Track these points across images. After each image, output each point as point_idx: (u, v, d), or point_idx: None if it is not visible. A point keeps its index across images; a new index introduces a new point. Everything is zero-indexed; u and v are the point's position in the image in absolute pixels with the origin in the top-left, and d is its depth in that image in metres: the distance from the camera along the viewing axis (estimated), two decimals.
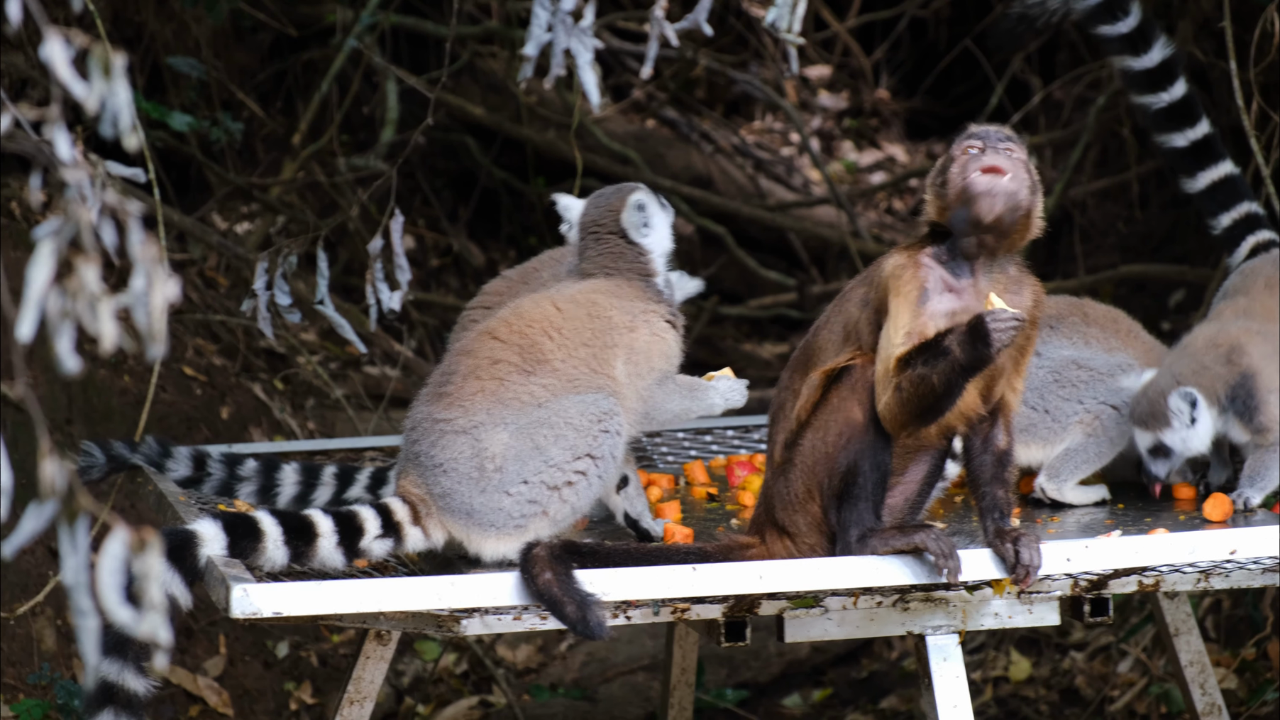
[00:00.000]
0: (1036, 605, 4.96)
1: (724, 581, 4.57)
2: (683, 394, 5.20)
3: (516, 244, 12.32)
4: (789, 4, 4.32)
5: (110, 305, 2.89)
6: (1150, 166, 10.51)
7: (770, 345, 12.45)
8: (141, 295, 2.92)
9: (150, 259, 2.90)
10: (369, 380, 9.86)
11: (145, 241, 2.91)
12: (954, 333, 4.53)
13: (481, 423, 4.96)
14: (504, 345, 5.04)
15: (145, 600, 2.91)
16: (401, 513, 4.91)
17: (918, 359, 4.56)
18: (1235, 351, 5.55)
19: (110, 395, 8.02)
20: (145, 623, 2.91)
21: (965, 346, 4.50)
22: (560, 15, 4.31)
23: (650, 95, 13.19)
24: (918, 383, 4.56)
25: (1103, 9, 5.86)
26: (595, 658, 8.91)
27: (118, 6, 9.34)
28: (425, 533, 4.94)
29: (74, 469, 2.83)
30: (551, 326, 5.08)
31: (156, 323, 2.91)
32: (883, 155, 14.39)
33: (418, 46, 11.55)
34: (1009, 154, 4.67)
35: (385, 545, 4.88)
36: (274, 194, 9.98)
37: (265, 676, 8.08)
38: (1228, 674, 7.64)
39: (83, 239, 2.89)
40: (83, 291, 2.88)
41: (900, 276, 4.67)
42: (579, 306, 5.15)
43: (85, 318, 2.89)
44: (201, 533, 4.59)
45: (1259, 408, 5.49)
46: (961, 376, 4.56)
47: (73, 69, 2.92)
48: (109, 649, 4.43)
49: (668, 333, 5.24)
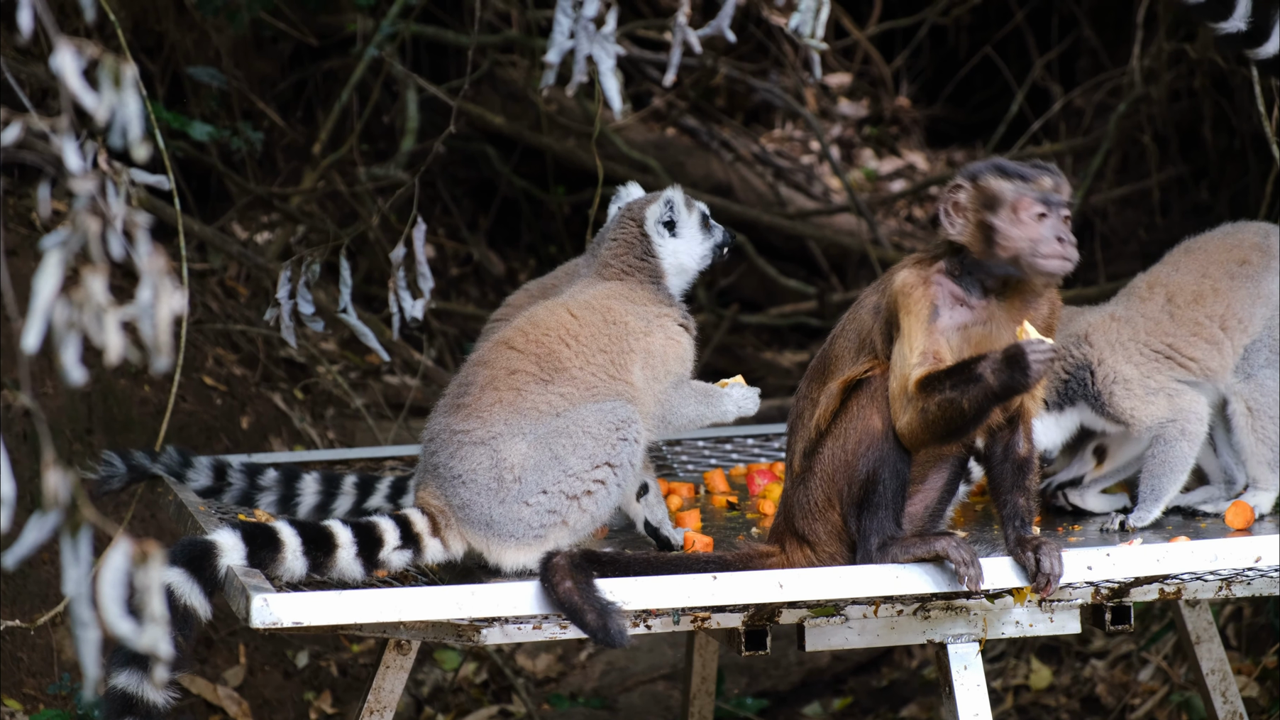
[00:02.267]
0: (1058, 613, 4.95)
1: (744, 590, 4.56)
2: (698, 399, 5.20)
3: (536, 253, 12.32)
4: (812, 9, 4.31)
5: (117, 316, 2.89)
6: (1171, 173, 10.50)
7: (790, 353, 12.44)
8: (148, 307, 2.92)
9: (157, 271, 2.90)
10: (389, 389, 9.87)
11: (153, 253, 2.90)
12: (988, 360, 4.51)
13: (500, 433, 4.95)
14: (521, 355, 5.04)
15: (146, 613, 2.90)
16: (421, 524, 4.91)
17: (945, 382, 4.54)
18: (1080, 341, 5.51)
19: (131, 405, 8.03)
20: (146, 636, 2.91)
21: (1000, 374, 4.49)
22: (582, 22, 4.31)
23: (670, 103, 13.19)
24: (945, 406, 4.54)
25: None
26: (615, 667, 8.90)
27: (138, 16, 9.36)
28: (444, 544, 4.93)
29: (78, 480, 2.82)
30: (568, 334, 5.07)
31: (163, 334, 2.90)
32: (903, 163, 14.37)
33: (438, 55, 11.56)
34: (1068, 217, 4.65)
35: (404, 556, 4.88)
36: (294, 203, 9.99)
37: (285, 686, 8.08)
38: (1249, 682, 7.61)
39: (91, 249, 2.89)
40: (89, 302, 2.88)
41: (910, 295, 4.65)
42: (594, 312, 5.15)
43: (92, 329, 2.89)
44: (221, 543, 4.59)
45: (1106, 399, 5.45)
46: (993, 402, 4.55)
47: (83, 79, 2.92)
48: (127, 660, 4.43)
49: (682, 336, 5.23)
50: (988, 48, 13.54)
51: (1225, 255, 5.59)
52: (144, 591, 2.88)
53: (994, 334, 4.67)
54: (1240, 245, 5.60)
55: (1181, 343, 5.48)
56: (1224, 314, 5.50)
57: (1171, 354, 5.47)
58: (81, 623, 2.90)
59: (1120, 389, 5.45)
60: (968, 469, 5.01)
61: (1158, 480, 5.43)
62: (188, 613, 4.50)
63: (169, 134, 8.91)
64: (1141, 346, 5.47)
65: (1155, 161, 10.52)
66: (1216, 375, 5.49)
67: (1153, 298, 5.56)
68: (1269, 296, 5.51)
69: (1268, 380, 5.48)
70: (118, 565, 2.86)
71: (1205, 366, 5.48)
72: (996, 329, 4.68)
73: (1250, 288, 5.52)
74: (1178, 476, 5.44)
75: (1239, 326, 5.49)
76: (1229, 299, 5.51)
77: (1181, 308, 5.51)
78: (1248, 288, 5.52)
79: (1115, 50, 11.90)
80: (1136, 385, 5.45)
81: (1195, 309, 5.51)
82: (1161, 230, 10.52)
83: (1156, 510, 5.40)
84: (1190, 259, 5.64)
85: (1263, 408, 5.47)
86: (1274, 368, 5.50)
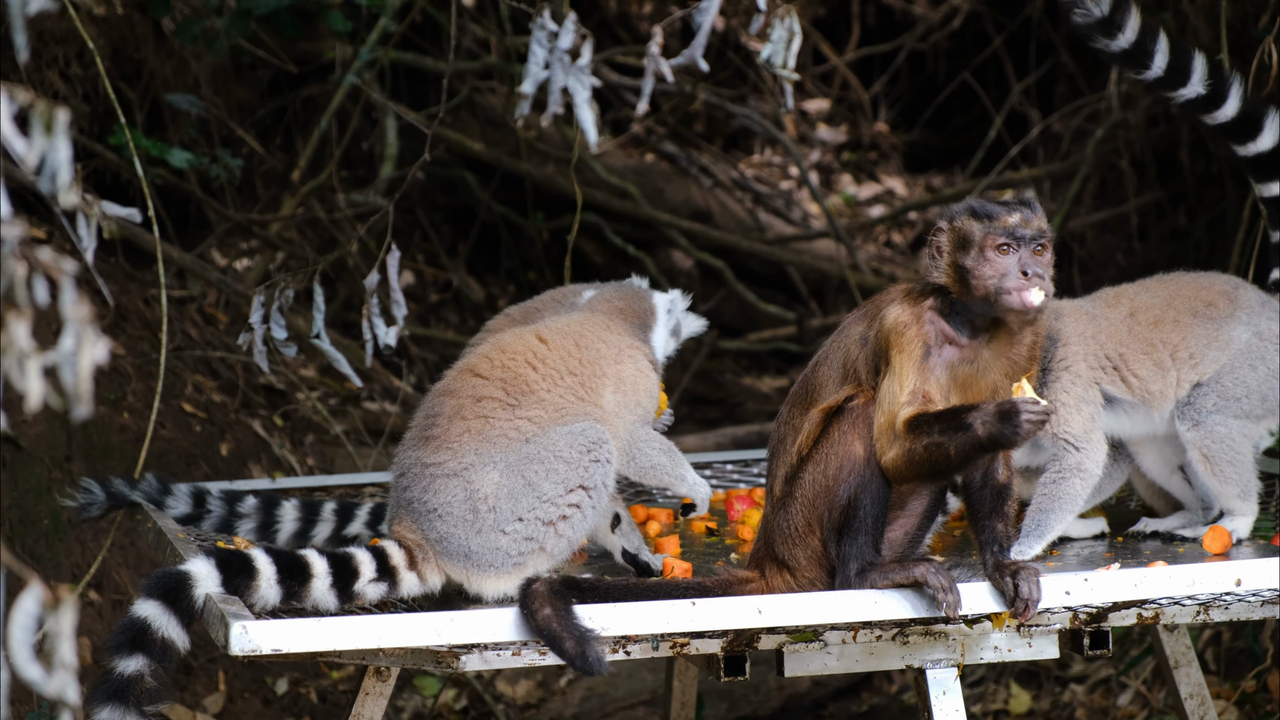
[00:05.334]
0: (1036, 638, 4.95)
1: (723, 616, 4.56)
2: (665, 450, 5.21)
3: (515, 279, 12.33)
4: (784, 40, 4.33)
5: (39, 363, 2.88)
6: (1149, 198, 10.53)
7: (770, 379, 12.46)
8: (69, 355, 2.91)
9: (80, 319, 2.89)
10: (368, 416, 9.86)
11: (77, 301, 2.89)
12: (980, 411, 4.52)
13: (471, 464, 4.94)
14: (486, 381, 5.02)
15: (55, 659, 2.89)
16: (397, 557, 4.89)
17: (934, 426, 4.56)
18: (1054, 316, 5.52)
19: (110, 432, 8.02)
20: (54, 682, 2.90)
21: (990, 427, 4.50)
22: (558, 53, 4.33)
23: (649, 130, 13.21)
24: (932, 450, 4.56)
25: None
26: (595, 693, 8.90)
27: (117, 44, 9.36)
28: (421, 577, 4.92)
29: None
30: (535, 357, 5.06)
31: (83, 383, 2.90)
32: (881, 188, 14.41)
33: (417, 82, 11.57)
34: (1041, 255, 4.67)
35: (380, 589, 4.85)
36: (273, 230, 10.00)
37: (265, 713, 8.07)
38: (1228, 706, 7.62)
39: (16, 295, 2.88)
40: (12, 348, 2.87)
41: (904, 334, 4.67)
42: (565, 337, 5.15)
43: (14, 374, 2.88)
44: (195, 572, 4.58)
45: (1050, 381, 5.46)
46: (979, 453, 4.57)
47: (14, 125, 2.91)
48: (110, 695, 4.42)
49: (651, 373, 5.25)
50: (966, 73, 13.59)
51: (1194, 293, 5.63)
52: (52, 638, 2.86)
53: (980, 373, 4.70)
54: (1210, 288, 5.65)
55: (1132, 357, 5.50)
56: (1178, 345, 5.53)
57: (1119, 364, 5.49)
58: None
59: (1067, 378, 5.46)
60: (946, 497, 5.02)
61: (1045, 516, 5.41)
62: (166, 645, 4.49)
63: (148, 161, 8.91)
64: (1098, 348, 5.50)
65: (1133, 186, 10.55)
66: (1153, 402, 5.50)
67: (1118, 306, 5.59)
68: (1225, 343, 5.54)
69: (1217, 426, 5.50)
70: (28, 610, 2.85)
71: (1146, 389, 5.49)
72: (983, 368, 4.70)
73: (1209, 329, 5.55)
74: (1065, 515, 5.41)
75: (1189, 361, 5.51)
76: (1186, 333, 5.54)
77: (1141, 325, 5.55)
78: (1207, 328, 5.55)
79: (1093, 76, 11.95)
80: (1079, 384, 5.46)
81: (1152, 331, 5.54)
82: (1139, 255, 10.55)
83: (1038, 546, 5.37)
84: (1161, 286, 5.68)
85: (1218, 454, 5.49)
86: (1223, 413, 5.50)
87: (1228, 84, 5.70)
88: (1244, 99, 5.73)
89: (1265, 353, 5.54)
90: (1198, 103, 5.72)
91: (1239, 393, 5.51)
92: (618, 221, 12.13)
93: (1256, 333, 5.56)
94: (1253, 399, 5.51)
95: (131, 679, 4.43)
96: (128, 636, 4.47)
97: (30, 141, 2.96)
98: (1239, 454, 5.48)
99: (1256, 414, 5.52)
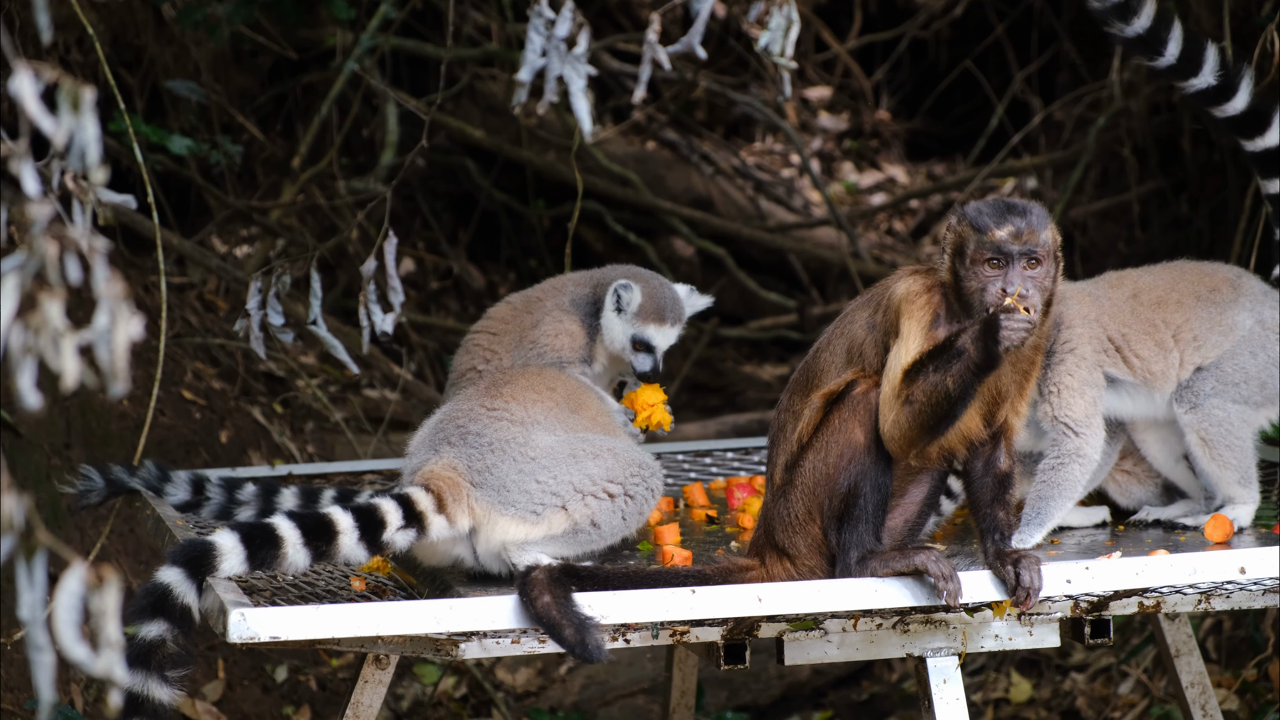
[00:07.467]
0: (1037, 627, 4.94)
1: (723, 604, 4.56)
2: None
3: (516, 266, 12.32)
4: (781, 28, 4.32)
5: (73, 341, 2.87)
6: (1150, 187, 10.51)
7: (770, 367, 12.45)
8: (104, 332, 2.90)
9: (115, 296, 2.88)
10: (368, 403, 9.85)
11: (110, 278, 2.88)
12: (966, 331, 4.53)
13: (537, 421, 5.13)
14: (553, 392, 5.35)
15: (101, 638, 2.88)
16: (425, 502, 4.91)
17: (928, 365, 4.56)
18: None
19: (109, 419, 8.01)
20: (101, 661, 2.89)
21: (978, 343, 4.50)
22: (554, 42, 4.32)
23: (650, 117, 13.20)
24: (930, 390, 4.55)
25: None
26: (595, 681, 8.89)
27: (117, 30, 9.34)
28: (450, 519, 4.93)
29: (33, 504, 2.80)
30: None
31: (119, 360, 2.88)
32: (883, 176, 14.40)
33: (418, 69, 11.55)
34: (1034, 269, 4.64)
35: (408, 536, 4.86)
36: (274, 217, 9.98)
37: (264, 701, 8.06)
38: (1229, 695, 7.62)
39: (48, 274, 2.87)
40: (46, 327, 2.86)
41: (914, 301, 4.66)
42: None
43: (48, 353, 2.87)
44: (220, 544, 4.56)
45: (1053, 363, 5.45)
46: (975, 377, 4.54)
47: (41, 103, 2.90)
48: (132, 661, 4.42)
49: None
50: (968, 61, 13.57)
51: (1198, 278, 5.62)
52: (98, 617, 2.85)
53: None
54: (1214, 275, 5.65)
55: (1134, 337, 5.49)
56: (1180, 326, 5.51)
57: (1121, 344, 5.48)
58: (37, 647, 2.88)
59: (1071, 360, 5.45)
60: (945, 487, 5.01)
61: (1045, 503, 5.38)
62: (185, 612, 4.50)
63: (148, 148, 8.89)
64: (1100, 330, 5.48)
65: (1135, 175, 10.54)
66: (1154, 383, 5.49)
67: (1121, 288, 5.59)
68: (1228, 328, 5.52)
69: (1215, 410, 5.48)
70: (72, 590, 2.84)
71: (1148, 369, 5.48)
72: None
73: (1212, 313, 5.54)
74: (1065, 501, 5.39)
75: (1192, 343, 5.50)
76: (1189, 314, 5.53)
77: (1144, 306, 5.54)
78: (1210, 311, 5.54)
79: (1095, 64, 11.93)
80: (1083, 368, 5.45)
81: (1155, 312, 5.53)
82: (1141, 243, 10.54)
83: (1039, 534, 5.35)
84: (1165, 271, 5.68)
85: (1215, 437, 5.47)
86: (1221, 397, 5.48)
87: (1238, 77, 5.68)
88: (1253, 94, 5.71)
89: (1266, 341, 5.53)
90: (1207, 94, 5.69)
91: (1238, 378, 5.50)
92: (619, 209, 12.12)
93: (1259, 320, 5.55)
94: (1251, 385, 5.50)
95: (154, 644, 4.44)
96: (149, 601, 4.48)
97: (58, 120, 2.95)
98: (1237, 439, 5.47)
99: (1255, 401, 5.50)
